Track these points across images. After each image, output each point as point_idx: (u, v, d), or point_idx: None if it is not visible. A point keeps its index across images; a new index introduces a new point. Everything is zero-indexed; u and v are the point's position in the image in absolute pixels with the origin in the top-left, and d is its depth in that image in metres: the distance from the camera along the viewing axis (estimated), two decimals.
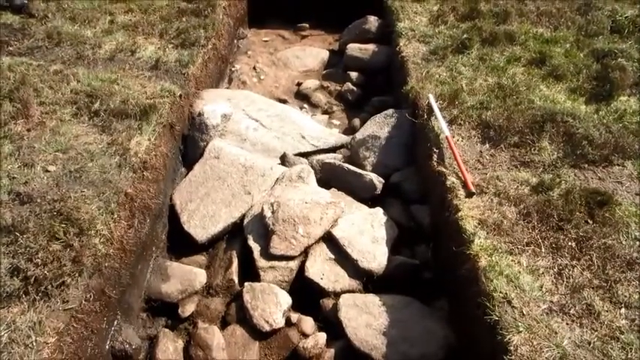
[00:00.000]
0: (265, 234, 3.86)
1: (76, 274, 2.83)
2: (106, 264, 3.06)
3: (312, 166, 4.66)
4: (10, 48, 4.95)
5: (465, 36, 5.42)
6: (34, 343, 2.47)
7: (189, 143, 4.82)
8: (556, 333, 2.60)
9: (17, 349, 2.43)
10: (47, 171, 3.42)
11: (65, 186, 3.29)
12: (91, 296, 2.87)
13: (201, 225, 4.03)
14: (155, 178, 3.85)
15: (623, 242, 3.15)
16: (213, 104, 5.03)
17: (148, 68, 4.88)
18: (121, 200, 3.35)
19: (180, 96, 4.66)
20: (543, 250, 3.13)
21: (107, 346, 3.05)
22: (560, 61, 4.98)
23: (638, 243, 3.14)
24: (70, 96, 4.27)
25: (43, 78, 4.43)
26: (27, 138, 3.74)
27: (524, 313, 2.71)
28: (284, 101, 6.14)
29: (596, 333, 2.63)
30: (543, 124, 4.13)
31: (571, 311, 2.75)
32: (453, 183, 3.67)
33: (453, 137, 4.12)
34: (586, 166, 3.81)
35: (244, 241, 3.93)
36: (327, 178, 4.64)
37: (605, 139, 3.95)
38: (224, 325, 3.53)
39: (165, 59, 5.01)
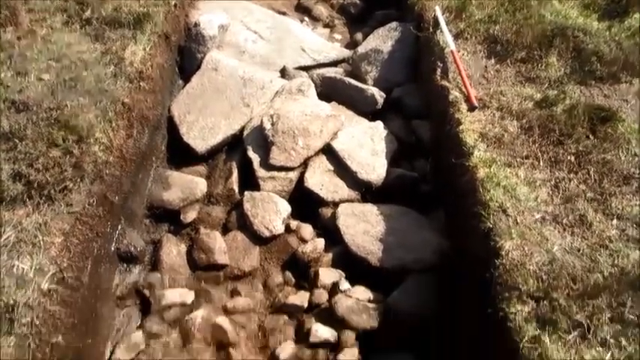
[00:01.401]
0: (265, 145, 3.87)
1: (78, 180, 2.85)
2: (107, 171, 3.08)
3: (312, 80, 4.59)
4: None
5: None
6: (42, 242, 2.54)
7: (186, 55, 4.68)
8: (547, 240, 2.68)
9: (25, 248, 2.50)
10: (41, 79, 3.34)
11: (61, 95, 3.23)
12: (93, 201, 2.91)
13: (201, 136, 4.03)
14: (152, 89, 3.78)
15: (622, 158, 3.16)
16: (209, 14, 4.84)
17: None
18: (118, 110, 3.31)
19: (175, 5, 4.48)
20: (542, 164, 3.15)
21: (113, 248, 3.16)
22: None
23: (637, 159, 3.16)
24: (60, 3, 4.08)
25: None
26: (18, 46, 3.61)
27: (518, 221, 2.78)
28: (283, 14, 5.90)
29: (586, 241, 2.71)
30: (553, 39, 4.02)
31: (564, 221, 2.82)
32: (456, 97, 3.64)
33: (459, 51, 4.02)
34: (593, 82, 3.76)
35: (244, 152, 3.94)
36: (328, 92, 4.57)
37: (615, 55, 3.87)
38: (225, 231, 3.64)
39: None
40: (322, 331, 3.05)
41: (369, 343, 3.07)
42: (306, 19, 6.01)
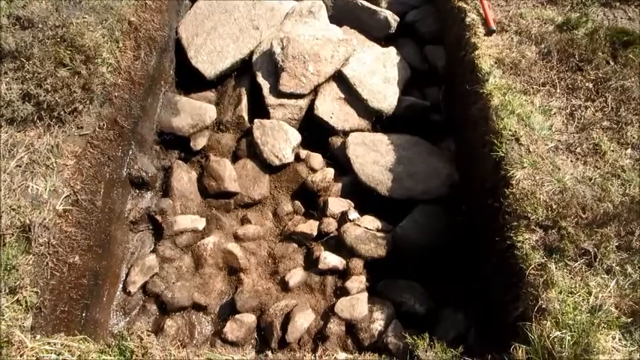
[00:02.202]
0: (274, 71, 3.78)
1: (87, 102, 2.83)
2: (116, 94, 3.04)
3: (323, 2, 4.37)
4: None
5: None
6: (55, 164, 2.56)
7: None
8: (559, 169, 2.66)
9: (39, 169, 2.53)
10: None
11: (65, 11, 3.13)
12: (104, 124, 2.90)
13: (209, 60, 3.93)
14: (159, 8, 3.66)
15: None
16: None
17: None
18: (124, 29, 3.22)
19: None
20: (559, 91, 3.07)
21: (124, 173, 3.18)
22: None
23: None
24: None
25: None
26: None
27: (531, 150, 2.74)
28: None
29: (598, 170, 2.69)
30: None
31: (577, 150, 2.78)
32: (473, 20, 3.49)
33: None
34: (617, 4, 3.59)
35: (253, 78, 3.86)
36: (340, 14, 4.39)
37: None
38: (235, 159, 3.64)
39: None
40: (331, 259, 3.11)
41: (377, 271, 3.13)
42: None
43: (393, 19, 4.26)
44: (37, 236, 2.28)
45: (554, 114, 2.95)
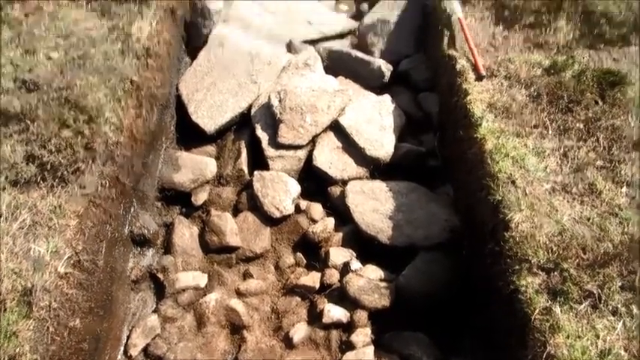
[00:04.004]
0: (273, 123, 3.86)
1: (90, 161, 2.88)
2: (118, 152, 3.10)
3: (318, 54, 4.52)
4: None
5: None
6: (57, 225, 2.58)
7: (192, 30, 4.65)
8: (557, 210, 2.67)
9: (41, 231, 2.55)
10: (50, 58, 3.35)
11: (70, 73, 3.24)
12: (106, 183, 2.95)
13: (209, 115, 4.02)
14: (160, 67, 3.78)
15: (632, 123, 3.11)
16: None
17: None
18: (127, 88, 3.32)
19: None
20: (550, 132, 3.12)
21: (126, 231, 3.20)
22: None
23: None
24: None
25: None
26: (25, 23, 3.61)
27: (527, 192, 2.76)
28: None
29: (596, 210, 2.69)
30: (561, 2, 3.93)
31: (573, 190, 2.80)
32: (463, 66, 3.59)
33: (466, 19, 3.94)
34: (602, 46, 3.70)
35: (252, 131, 3.94)
36: (335, 66, 4.53)
37: (625, 17, 3.80)
38: (236, 212, 3.66)
39: None
40: (335, 312, 3.06)
41: (382, 323, 3.07)
42: None
43: (387, 69, 4.38)
44: (38, 300, 2.27)
45: (548, 155, 2.99)
